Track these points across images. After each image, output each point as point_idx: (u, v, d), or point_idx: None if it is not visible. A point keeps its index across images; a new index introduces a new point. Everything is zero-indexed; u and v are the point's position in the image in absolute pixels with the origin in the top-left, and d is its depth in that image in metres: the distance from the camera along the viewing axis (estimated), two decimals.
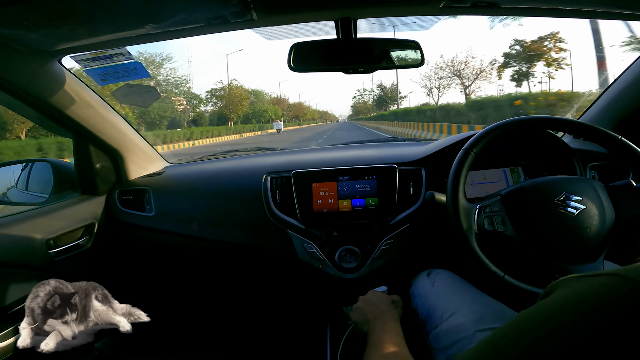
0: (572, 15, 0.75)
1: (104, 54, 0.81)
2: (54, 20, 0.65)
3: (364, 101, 64.23)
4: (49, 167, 1.08)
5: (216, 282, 1.28)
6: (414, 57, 0.80)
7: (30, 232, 0.87)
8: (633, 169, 0.70)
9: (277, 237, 0.99)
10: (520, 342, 0.27)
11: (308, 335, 1.12)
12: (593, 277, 0.28)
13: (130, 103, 1.05)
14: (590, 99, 1.04)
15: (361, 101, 65.26)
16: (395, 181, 0.96)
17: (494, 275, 0.64)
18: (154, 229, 1.07)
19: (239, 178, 1.09)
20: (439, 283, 0.81)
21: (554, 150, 0.95)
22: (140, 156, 1.17)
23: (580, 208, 0.64)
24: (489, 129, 0.73)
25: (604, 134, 0.71)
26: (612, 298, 0.25)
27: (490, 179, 0.97)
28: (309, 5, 0.69)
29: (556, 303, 0.28)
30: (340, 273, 0.96)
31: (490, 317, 0.66)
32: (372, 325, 0.65)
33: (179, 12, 0.69)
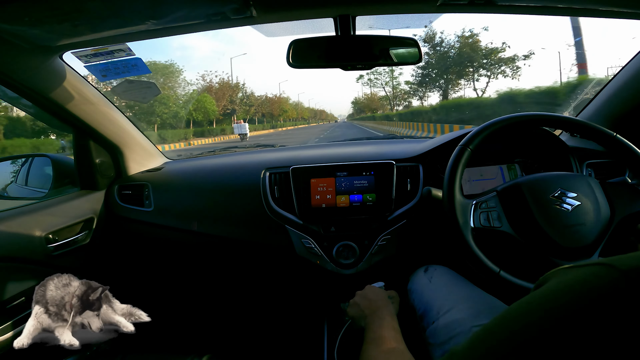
0: (568, 13, 0.76)
1: (105, 50, 0.82)
2: (55, 16, 0.66)
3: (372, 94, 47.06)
4: (48, 162, 1.09)
5: (214, 277, 1.29)
6: (412, 54, 0.81)
7: (29, 226, 0.88)
8: (628, 166, 0.71)
9: (275, 232, 0.99)
10: (510, 331, 0.28)
11: (305, 330, 1.12)
12: (582, 267, 0.28)
13: (130, 99, 1.05)
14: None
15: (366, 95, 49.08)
16: (393, 177, 0.97)
17: (489, 271, 0.64)
18: (152, 224, 1.08)
19: (238, 173, 1.09)
20: (436, 279, 0.82)
21: (551, 147, 0.96)
22: (139, 152, 1.18)
23: (575, 204, 0.64)
24: (485, 125, 0.73)
25: (600, 131, 0.71)
26: (598, 287, 0.25)
27: (486, 176, 0.97)
28: (308, 2, 0.70)
29: (546, 293, 0.28)
30: (337, 268, 0.97)
31: (486, 312, 0.67)
32: (369, 320, 0.66)
33: (179, 8, 0.70)
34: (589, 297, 0.25)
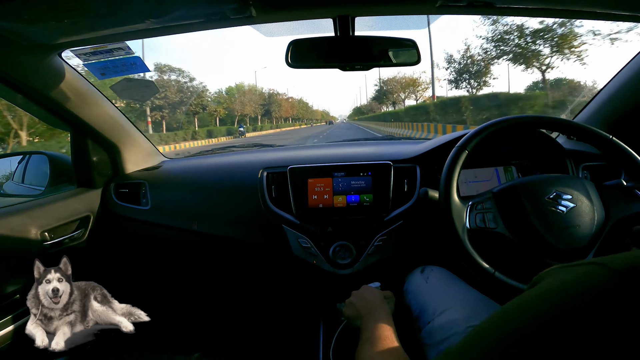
0: (567, 15, 0.77)
1: (104, 49, 0.82)
2: (54, 14, 0.66)
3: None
4: (45, 160, 1.09)
5: (210, 276, 1.29)
6: (411, 55, 0.81)
7: (25, 223, 0.88)
8: (624, 168, 0.71)
9: (272, 231, 0.99)
10: (503, 331, 0.28)
11: (301, 330, 1.12)
12: (575, 267, 0.29)
13: (129, 97, 1.05)
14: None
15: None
16: (390, 178, 0.97)
17: (484, 272, 0.64)
18: (149, 223, 1.08)
19: (236, 173, 1.09)
20: (432, 280, 0.82)
21: (547, 150, 0.96)
22: (137, 150, 1.18)
23: (570, 206, 0.65)
24: (481, 128, 0.73)
25: (595, 133, 0.72)
26: (591, 286, 0.25)
27: (481, 178, 0.98)
28: (308, 2, 0.70)
29: (540, 293, 0.28)
30: (334, 269, 0.97)
31: (482, 313, 0.67)
32: (364, 320, 0.66)
33: (179, 7, 0.70)
34: (584, 297, 0.25)
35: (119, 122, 1.07)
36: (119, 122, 1.07)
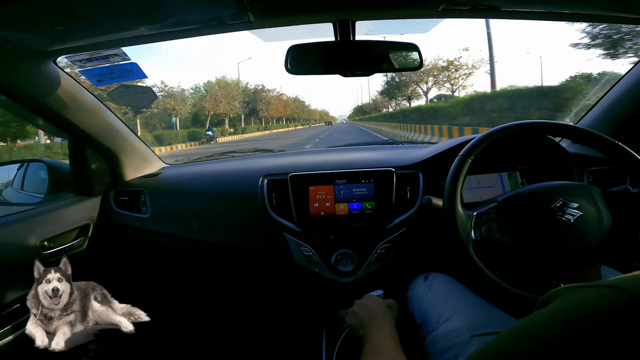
0: (573, 19, 0.75)
1: (100, 55, 0.81)
2: (49, 20, 0.65)
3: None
4: (44, 168, 1.08)
5: (212, 285, 1.28)
6: (412, 60, 0.80)
7: (24, 233, 0.87)
8: (630, 174, 0.70)
9: (273, 239, 0.98)
10: (514, 352, 0.27)
11: (304, 338, 1.11)
12: (590, 289, 0.27)
13: (126, 104, 1.04)
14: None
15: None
16: (393, 185, 0.96)
17: (491, 282, 0.64)
18: (149, 231, 1.06)
19: (236, 180, 1.08)
20: (435, 287, 0.81)
21: (552, 155, 0.95)
22: (136, 157, 1.16)
23: (577, 214, 0.63)
24: (486, 135, 0.72)
25: (601, 138, 0.70)
26: (608, 310, 0.24)
27: (485, 184, 0.96)
28: (307, 7, 0.69)
29: (553, 313, 0.28)
30: (336, 276, 0.96)
31: (486, 322, 0.66)
32: (367, 330, 0.65)
33: (175, 13, 0.69)
34: (600, 321, 0.24)
35: (117, 128, 1.05)
36: (117, 128, 1.05)
